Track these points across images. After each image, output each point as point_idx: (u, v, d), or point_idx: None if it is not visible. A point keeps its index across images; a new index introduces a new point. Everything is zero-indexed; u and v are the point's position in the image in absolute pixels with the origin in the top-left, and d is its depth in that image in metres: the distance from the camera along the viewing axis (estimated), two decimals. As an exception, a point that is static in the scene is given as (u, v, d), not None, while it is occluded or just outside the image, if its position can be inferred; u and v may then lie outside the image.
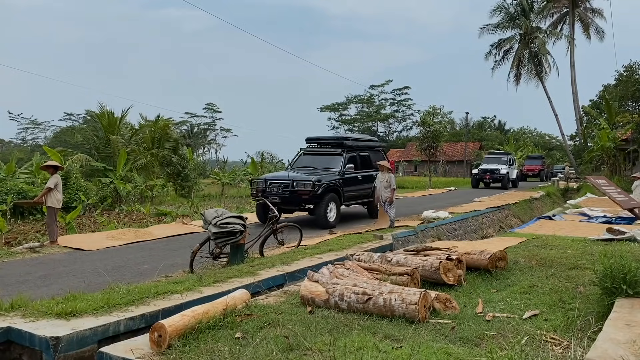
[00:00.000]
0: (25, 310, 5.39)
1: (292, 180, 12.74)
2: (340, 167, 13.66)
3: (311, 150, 15.13)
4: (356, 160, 14.44)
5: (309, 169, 13.92)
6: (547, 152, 67.25)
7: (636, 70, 31.91)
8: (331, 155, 14.31)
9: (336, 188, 13.07)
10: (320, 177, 12.93)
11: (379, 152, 15.96)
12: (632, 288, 4.83)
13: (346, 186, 13.51)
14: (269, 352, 3.95)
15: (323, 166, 13.94)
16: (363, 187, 14.15)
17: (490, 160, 32.82)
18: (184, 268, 8.07)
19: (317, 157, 14.61)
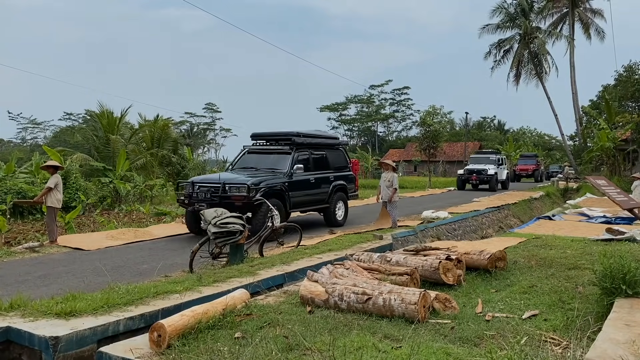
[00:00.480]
0: (25, 310, 5.39)
1: (224, 183, 10.94)
2: (287, 168, 11.98)
3: (256, 148, 13.30)
4: (308, 160, 12.78)
5: (251, 170, 12.26)
6: (547, 152, 67.27)
7: (636, 70, 31.91)
8: (278, 154, 12.62)
9: (280, 192, 11.38)
10: (259, 179, 11.24)
11: (340, 151, 14.34)
12: (631, 288, 4.84)
13: (294, 190, 11.84)
14: (268, 352, 3.95)
15: (268, 167, 12.27)
16: (316, 192, 12.49)
17: (477, 159, 30.10)
18: (184, 268, 8.07)
19: (262, 156, 12.91)
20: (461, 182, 28.66)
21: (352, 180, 14.30)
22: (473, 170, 28.14)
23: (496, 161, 28.92)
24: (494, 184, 27.49)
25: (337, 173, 13.58)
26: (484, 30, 45.20)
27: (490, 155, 30.42)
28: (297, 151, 12.49)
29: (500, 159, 29.72)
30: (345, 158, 14.35)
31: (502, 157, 30.74)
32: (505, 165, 30.45)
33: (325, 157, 13.46)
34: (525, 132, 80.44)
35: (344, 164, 14.23)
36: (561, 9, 46.50)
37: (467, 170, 28.58)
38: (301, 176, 12.18)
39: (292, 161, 12.17)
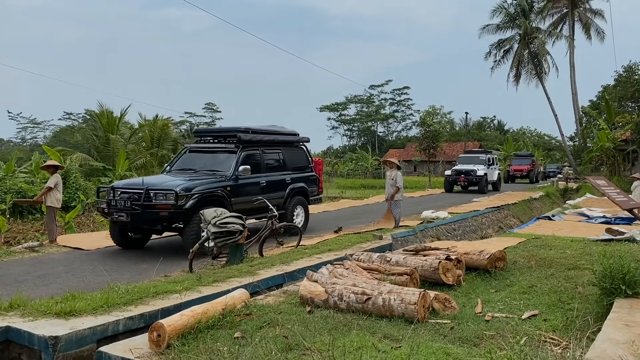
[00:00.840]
0: (24, 309, 5.39)
1: (147, 189, 9.09)
2: (230, 169, 10.20)
3: (198, 146, 11.60)
4: (259, 160, 11.07)
5: (189, 172, 10.45)
6: (547, 152, 67.28)
7: (635, 70, 31.92)
8: (221, 153, 10.92)
9: (219, 199, 9.63)
10: (193, 183, 9.48)
11: (300, 149, 12.73)
12: (631, 288, 4.84)
13: (238, 195, 10.12)
14: (268, 351, 3.95)
15: (209, 168, 10.53)
16: (268, 197, 10.42)
17: (465, 159, 27.95)
18: (183, 267, 8.06)
19: (204, 155, 11.21)
20: (449, 183, 26.72)
21: (314, 181, 12.71)
22: (461, 171, 26.19)
23: (486, 161, 26.93)
24: (483, 186, 25.45)
25: (296, 174, 12.08)
26: (484, 30, 45.27)
27: (480, 154, 28.42)
28: (245, 150, 10.73)
29: (490, 159, 27.75)
30: (306, 157, 12.79)
31: (492, 157, 28.66)
32: (496, 165, 28.54)
33: (281, 156, 11.88)
34: (525, 132, 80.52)
35: (305, 164, 12.64)
36: (561, 9, 46.54)
37: (455, 171, 26.58)
38: (249, 179, 10.51)
39: (237, 161, 10.36)
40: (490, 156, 28.35)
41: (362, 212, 16.86)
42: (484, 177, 25.51)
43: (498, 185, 28.13)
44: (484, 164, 26.52)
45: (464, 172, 26.07)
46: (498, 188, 27.89)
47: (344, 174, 55.11)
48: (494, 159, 28.57)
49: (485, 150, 32.20)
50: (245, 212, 9.91)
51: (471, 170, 25.81)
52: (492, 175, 27.24)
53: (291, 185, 11.65)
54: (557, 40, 44.76)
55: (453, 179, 26.37)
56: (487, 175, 25.94)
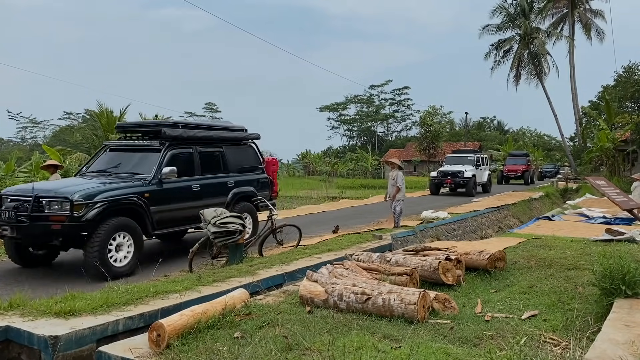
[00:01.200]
0: (24, 309, 5.39)
1: (37, 195, 7.49)
2: (152, 172, 8.53)
3: (119, 144, 9.85)
4: (191, 160, 9.41)
5: (103, 175, 8.85)
6: (547, 152, 67.25)
7: (635, 71, 31.93)
8: (143, 152, 9.24)
9: (133, 207, 8.03)
10: (98, 189, 7.82)
11: (248, 147, 11.03)
12: (631, 289, 4.84)
13: (161, 203, 8.48)
14: (267, 351, 3.94)
15: (128, 170, 8.85)
16: (204, 203, 9.01)
17: (453, 160, 26.23)
18: (183, 267, 8.06)
19: (124, 154, 9.50)
20: (434, 186, 24.80)
21: (265, 185, 11.03)
22: (448, 172, 24.39)
23: (475, 161, 25.25)
24: (471, 188, 23.74)
25: (242, 176, 10.42)
26: (484, 30, 45.30)
27: (469, 154, 26.67)
28: (172, 148, 9.04)
29: (480, 159, 26.04)
30: (256, 156, 11.11)
31: (482, 157, 26.93)
32: (486, 165, 26.94)
33: (222, 155, 10.16)
34: (525, 132, 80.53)
35: (254, 165, 10.97)
36: (561, 9, 46.56)
37: (441, 172, 24.85)
38: (176, 182, 8.87)
39: (161, 162, 8.70)
40: (480, 156, 26.74)
41: (362, 212, 16.86)
42: (472, 179, 23.91)
43: (488, 187, 26.61)
44: (472, 164, 25.02)
45: (450, 173, 24.26)
46: (488, 190, 26.34)
47: (343, 174, 55.14)
48: (483, 159, 26.97)
49: (475, 150, 30.00)
50: (173, 222, 8.81)
51: (458, 171, 24.07)
52: (481, 176, 25.75)
53: (235, 190, 10.03)
54: (557, 40, 44.83)
55: (439, 180, 24.65)
56: (475, 177, 24.34)
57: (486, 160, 27.46)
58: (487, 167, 27.14)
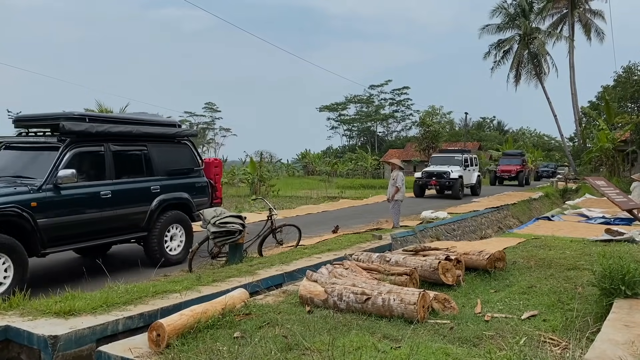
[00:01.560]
0: (24, 309, 5.39)
1: None
2: (45, 175, 7.05)
3: (16, 140, 8.30)
4: (102, 161, 7.90)
5: None
6: (547, 152, 67.22)
7: (635, 71, 31.93)
8: (39, 151, 7.76)
9: (13, 220, 6.51)
10: None
11: (183, 146, 9.44)
12: (630, 289, 4.84)
13: (56, 215, 7.02)
14: (267, 351, 3.94)
15: (18, 172, 7.40)
16: (117, 214, 7.81)
17: (439, 160, 24.47)
18: (183, 267, 8.07)
19: (19, 153, 8.08)
20: (419, 187, 23.23)
21: (202, 190, 9.52)
22: (433, 172, 22.74)
23: (462, 162, 23.42)
24: (457, 190, 22.07)
25: (171, 180, 8.87)
26: (484, 30, 45.32)
27: (456, 154, 24.75)
28: (75, 146, 7.51)
29: (468, 159, 24.21)
30: (192, 157, 9.50)
31: (471, 157, 24.98)
32: (475, 166, 25.04)
33: (146, 155, 8.61)
34: (524, 132, 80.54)
35: (190, 166, 9.37)
36: (561, 9, 46.58)
37: (426, 172, 23.13)
38: (78, 188, 7.36)
39: (57, 163, 7.19)
40: (469, 156, 24.84)
41: (362, 212, 16.85)
42: (458, 180, 22.21)
43: (477, 190, 24.65)
44: (460, 165, 23.21)
45: (435, 174, 22.55)
46: (477, 193, 24.48)
47: (343, 174, 55.10)
48: (472, 159, 24.97)
49: (463, 150, 27.59)
50: (73, 238, 7.35)
51: (444, 172, 22.39)
52: (469, 178, 23.95)
53: (161, 196, 8.52)
54: (557, 40, 44.85)
55: (424, 182, 23.00)
56: (462, 178, 22.58)
57: (475, 161, 25.43)
58: (476, 167, 25.29)
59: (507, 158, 36.00)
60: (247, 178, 28.94)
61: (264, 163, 32.45)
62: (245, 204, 19.77)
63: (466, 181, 23.24)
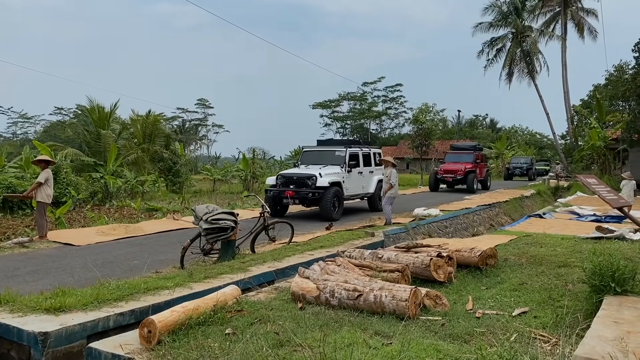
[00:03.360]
0: (14, 305, 5.35)
1: None
2: None
3: None
4: None
5: None
6: (538, 150, 67.49)
7: (626, 70, 32.10)
8: None
9: None
10: None
11: None
12: (620, 286, 4.87)
13: None
14: (259, 348, 3.94)
15: None
16: None
17: (311, 157, 15.99)
18: (175, 264, 8.04)
19: None
20: (272, 200, 14.35)
21: None
22: (291, 178, 14.50)
23: (345, 160, 15.10)
24: (327, 206, 13.70)
25: None
26: (477, 28, 45.31)
27: (337, 149, 15.59)
28: None
29: (359, 155, 15.75)
30: None
31: (371, 152, 16.54)
32: (374, 167, 16.40)
33: None
34: (517, 130, 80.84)
35: None
36: (554, 7, 46.70)
37: (283, 177, 14.71)
38: None
39: None
40: (363, 151, 16.08)
41: (355, 209, 16.86)
42: (330, 191, 13.76)
43: (378, 203, 15.76)
44: (340, 164, 14.99)
45: (294, 180, 14.38)
46: (377, 207, 15.92)
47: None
48: (370, 155, 16.42)
49: (353, 141, 18.04)
50: None
51: (308, 176, 14.16)
52: (360, 184, 15.59)
53: None
54: (549, 39, 44.94)
55: (275, 193, 14.39)
56: (342, 187, 14.48)
57: (378, 158, 16.28)
58: (377, 168, 16.39)
59: (454, 154, 27.20)
60: (240, 175, 28.88)
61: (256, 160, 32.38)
62: (238, 200, 19.74)
63: (352, 190, 15.10)
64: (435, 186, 25.47)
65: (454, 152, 27.83)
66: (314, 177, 14.18)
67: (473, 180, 24.57)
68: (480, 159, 26.81)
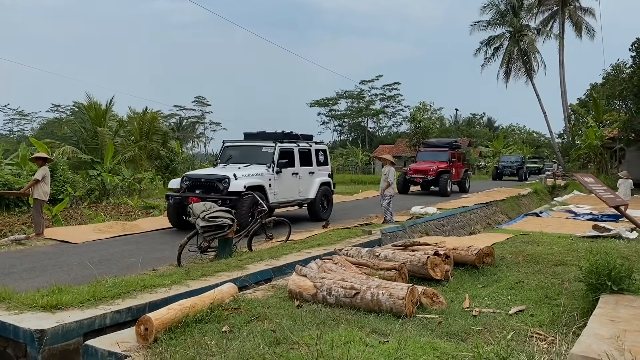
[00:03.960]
0: (10, 302, 5.33)
1: None
2: None
3: None
4: None
5: None
6: (535, 149, 67.59)
7: (623, 69, 32.15)
8: None
9: None
10: None
11: None
12: (616, 284, 4.89)
13: None
14: (255, 345, 3.94)
15: None
16: None
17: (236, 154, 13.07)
18: (172, 261, 8.03)
19: None
20: (174, 207, 11.57)
21: None
22: (199, 179, 11.72)
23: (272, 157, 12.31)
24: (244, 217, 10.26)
25: None
26: (474, 27, 45.34)
27: (265, 144, 12.75)
28: None
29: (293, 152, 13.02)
30: None
31: (312, 149, 13.74)
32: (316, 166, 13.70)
33: None
34: (514, 129, 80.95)
35: None
36: (551, 6, 46.73)
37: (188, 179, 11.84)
38: None
39: None
40: (293, 147, 13.09)
41: (352, 207, 16.87)
42: (250, 199, 10.64)
43: (321, 211, 13.42)
44: (267, 163, 12.18)
45: (202, 183, 11.62)
46: (321, 216, 13.34)
47: (334, 169, 55.06)
48: (312, 152, 13.64)
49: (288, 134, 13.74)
50: None
51: (220, 178, 11.34)
52: (291, 189, 12.69)
53: None
54: (547, 38, 44.98)
55: (177, 201, 11.41)
56: (267, 192, 11.70)
57: (323, 157, 13.93)
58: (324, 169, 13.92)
59: (427, 152, 24.00)
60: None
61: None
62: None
63: (283, 195, 12.28)
64: (404, 188, 22.28)
65: (426, 149, 24.47)
66: (226, 180, 11.03)
67: (446, 181, 21.56)
68: (457, 158, 23.53)
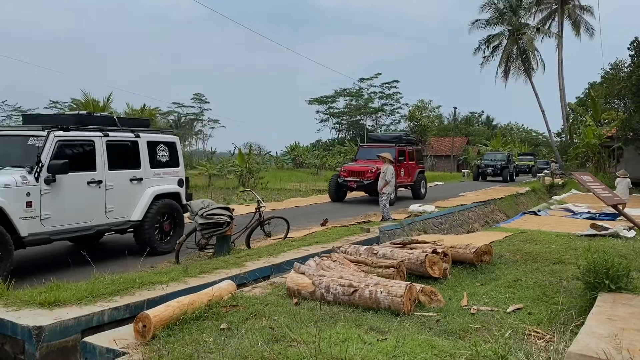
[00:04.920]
0: (7, 299, 5.33)
1: None
2: None
3: None
4: None
5: None
6: (534, 147, 67.64)
7: (622, 68, 32.18)
8: None
9: None
10: None
11: None
12: (614, 283, 4.90)
13: None
14: (254, 343, 3.94)
15: None
16: None
17: None
18: (170, 259, 8.03)
19: None
20: None
21: None
22: None
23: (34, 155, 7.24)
24: None
25: None
26: (473, 25, 45.34)
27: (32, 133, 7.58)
28: None
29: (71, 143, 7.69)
30: None
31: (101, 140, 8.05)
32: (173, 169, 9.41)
33: None
34: (512, 127, 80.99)
35: None
36: (550, 5, 46.73)
37: None
38: None
39: None
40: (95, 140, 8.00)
41: (350, 205, 16.86)
42: None
43: (153, 241, 8.64)
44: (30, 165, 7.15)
45: None
46: (157, 247, 8.70)
47: (332, 167, 55.07)
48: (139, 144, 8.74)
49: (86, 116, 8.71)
50: None
51: None
52: (80, 208, 7.69)
53: None
54: (546, 36, 44.99)
55: None
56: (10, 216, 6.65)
57: (166, 153, 9.31)
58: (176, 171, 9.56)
59: (370, 148, 18.92)
60: (236, 170, 28.81)
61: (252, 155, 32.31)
62: (234, 195, 19.70)
63: (60, 218, 7.38)
64: (337, 194, 17.48)
65: (369, 145, 19.62)
66: None
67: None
68: (408, 156, 18.42)
